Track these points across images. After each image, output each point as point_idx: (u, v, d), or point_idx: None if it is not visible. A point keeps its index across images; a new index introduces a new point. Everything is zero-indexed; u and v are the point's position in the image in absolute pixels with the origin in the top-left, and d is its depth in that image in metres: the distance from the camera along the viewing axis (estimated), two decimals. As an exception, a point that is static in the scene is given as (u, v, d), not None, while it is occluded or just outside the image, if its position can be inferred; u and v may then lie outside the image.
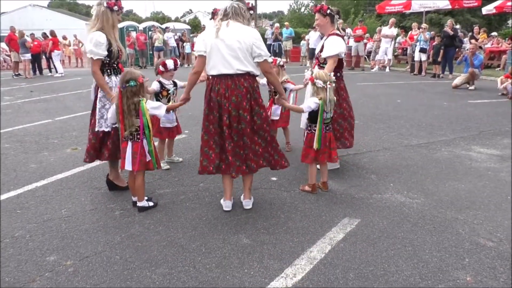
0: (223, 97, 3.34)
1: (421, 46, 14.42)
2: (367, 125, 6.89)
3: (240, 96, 3.35)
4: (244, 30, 3.34)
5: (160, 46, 19.16)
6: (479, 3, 16.45)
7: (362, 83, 12.53)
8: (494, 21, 27.78)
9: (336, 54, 4.29)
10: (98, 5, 3.72)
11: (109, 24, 3.74)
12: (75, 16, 48.34)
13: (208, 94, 3.42)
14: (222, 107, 3.36)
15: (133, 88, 3.39)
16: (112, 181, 4.08)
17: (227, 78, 3.34)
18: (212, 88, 3.39)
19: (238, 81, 3.35)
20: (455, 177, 4.49)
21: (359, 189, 4.13)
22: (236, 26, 3.33)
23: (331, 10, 4.40)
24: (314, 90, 3.88)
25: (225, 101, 3.34)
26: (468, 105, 8.86)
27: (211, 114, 3.40)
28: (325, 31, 4.48)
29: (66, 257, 2.90)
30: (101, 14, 3.70)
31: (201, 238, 3.16)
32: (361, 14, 31.43)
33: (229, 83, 3.34)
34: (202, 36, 3.45)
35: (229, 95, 3.34)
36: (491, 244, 3.06)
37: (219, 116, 3.39)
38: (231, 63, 3.31)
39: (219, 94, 3.35)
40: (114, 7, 3.72)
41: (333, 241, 3.10)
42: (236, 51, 3.29)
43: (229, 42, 3.28)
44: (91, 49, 3.64)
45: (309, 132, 3.97)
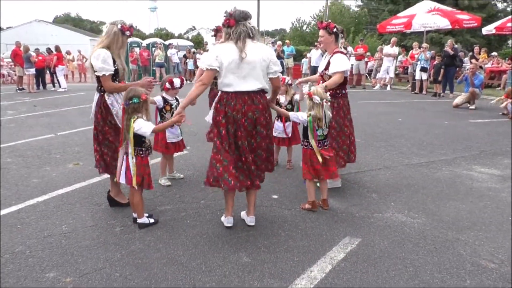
0: (239, 112, 3.36)
1: (422, 65, 14.53)
2: (368, 143, 6.91)
3: (258, 111, 3.40)
4: (263, 48, 3.45)
5: (161, 63, 19.44)
6: (478, 23, 16.61)
7: (364, 101, 12.58)
8: (494, 41, 28.03)
9: (343, 71, 4.37)
10: (112, 24, 3.78)
11: (118, 45, 3.80)
12: (80, 32, 48.92)
13: (223, 109, 3.39)
14: (237, 122, 3.38)
15: (135, 105, 3.44)
16: (113, 197, 4.08)
17: (244, 94, 3.37)
18: (227, 103, 3.37)
19: (254, 97, 3.40)
20: (456, 197, 4.49)
21: (360, 208, 4.13)
22: (254, 45, 3.38)
23: (337, 28, 4.46)
24: (310, 105, 3.93)
25: (240, 116, 3.36)
26: (469, 124, 8.89)
27: (225, 129, 3.39)
28: (329, 48, 4.54)
29: (66, 273, 2.89)
30: (112, 34, 3.75)
31: (202, 256, 3.15)
32: (362, 33, 31.74)
33: (246, 98, 3.37)
34: (215, 52, 3.37)
35: (246, 111, 3.37)
36: (492, 265, 3.04)
37: (234, 131, 3.40)
38: (250, 81, 3.36)
39: (235, 109, 3.35)
40: (126, 32, 3.80)
41: (334, 261, 3.09)
42: (256, 69, 3.36)
43: (250, 60, 3.32)
44: (102, 66, 3.66)
45: (305, 147, 4.04)
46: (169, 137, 4.70)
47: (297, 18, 41.86)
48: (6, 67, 20.63)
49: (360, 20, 39.43)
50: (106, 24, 3.85)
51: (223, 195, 4.19)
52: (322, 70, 4.58)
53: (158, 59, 19.31)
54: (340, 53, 4.43)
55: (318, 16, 38.42)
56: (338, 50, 4.46)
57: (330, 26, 4.41)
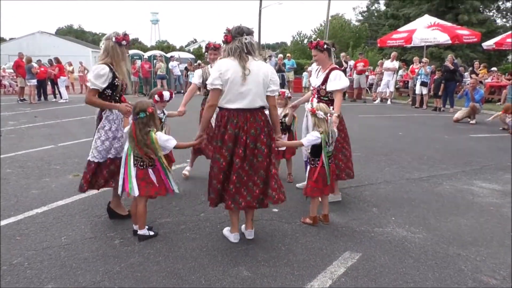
0: (241, 130, 3.35)
1: (422, 80, 14.61)
2: (368, 157, 6.91)
3: (259, 129, 3.39)
4: (264, 66, 3.45)
5: (163, 75, 19.59)
6: (478, 39, 16.74)
7: (364, 115, 12.62)
8: (494, 56, 28.23)
9: (342, 88, 4.40)
10: (107, 39, 3.79)
11: (119, 58, 3.81)
12: (82, 44, 49.28)
13: (223, 126, 3.38)
14: (239, 140, 3.36)
15: (143, 119, 3.44)
16: (113, 209, 4.07)
17: (246, 111, 3.36)
18: (228, 120, 3.36)
19: (256, 114, 3.40)
20: (457, 212, 4.47)
21: (361, 222, 4.11)
22: (255, 62, 3.37)
23: (327, 44, 4.49)
24: (315, 122, 3.88)
25: (242, 133, 3.35)
26: (469, 139, 8.90)
27: (224, 147, 3.38)
28: (324, 65, 4.56)
29: (64, 286, 2.87)
30: (110, 49, 3.77)
31: (201, 269, 3.13)
32: (361, 47, 31.98)
33: (248, 115, 3.36)
34: (218, 69, 3.34)
35: (248, 128, 3.36)
36: (494, 282, 3.02)
37: (232, 149, 3.38)
38: (252, 98, 3.34)
39: (237, 127, 3.35)
40: (123, 42, 3.80)
41: (334, 275, 3.07)
42: (259, 86, 3.35)
43: (253, 77, 3.31)
44: (92, 79, 3.73)
45: (312, 166, 3.96)
46: None
47: (298, 32, 42.22)
48: (8, 77, 20.73)
49: (361, 35, 39.79)
50: (102, 41, 3.86)
51: (223, 209, 4.18)
52: (318, 85, 4.58)
53: (160, 72, 19.48)
54: (337, 70, 4.47)
55: (319, 30, 38.79)
56: (334, 67, 4.50)
57: (320, 44, 4.47)
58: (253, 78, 3.31)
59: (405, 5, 29.45)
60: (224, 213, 4.24)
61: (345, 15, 68.69)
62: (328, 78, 4.45)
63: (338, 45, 31.36)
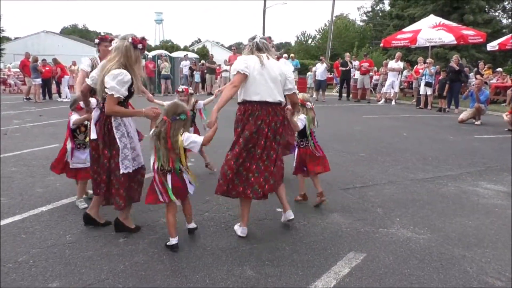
0: (263, 123, 3.56)
1: (426, 80, 14.57)
2: (372, 158, 6.90)
3: (279, 122, 3.64)
4: (280, 65, 3.74)
5: (167, 75, 19.59)
6: (484, 39, 16.67)
7: (368, 116, 12.60)
8: (499, 57, 28.08)
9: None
10: (122, 39, 3.46)
11: (132, 61, 3.47)
12: (86, 43, 49.43)
13: (246, 118, 3.58)
14: (260, 132, 3.55)
15: (182, 122, 3.33)
16: (122, 222, 3.74)
17: (268, 105, 3.57)
18: (251, 114, 3.56)
19: (276, 109, 3.62)
20: (462, 213, 4.45)
21: (365, 223, 4.10)
22: (273, 61, 3.67)
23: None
24: (303, 111, 4.31)
25: (264, 126, 3.56)
26: (474, 140, 8.86)
27: (246, 138, 3.56)
28: None
29: (69, 284, 2.88)
30: (124, 49, 3.42)
31: (205, 268, 3.13)
32: (366, 47, 31.91)
33: (270, 109, 3.58)
34: (243, 60, 3.60)
35: (270, 121, 3.57)
36: (499, 283, 3.00)
37: (256, 139, 3.57)
38: (274, 93, 3.59)
39: (259, 119, 3.55)
40: (139, 45, 3.48)
41: (338, 276, 3.06)
42: (277, 82, 3.61)
43: (272, 74, 3.59)
44: (114, 85, 3.35)
45: (301, 147, 4.46)
46: (73, 163, 4.30)
47: (302, 32, 42.10)
48: (13, 77, 20.83)
49: (365, 35, 39.73)
50: (115, 40, 3.55)
51: (227, 208, 4.19)
52: None
53: (164, 71, 19.45)
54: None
55: (323, 30, 38.75)
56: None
57: None
58: (273, 74, 3.59)
59: (410, 5, 29.35)
60: (228, 212, 4.25)
61: (349, 15, 68.56)
62: None
63: (343, 45, 31.41)
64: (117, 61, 3.42)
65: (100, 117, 3.55)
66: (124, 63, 3.42)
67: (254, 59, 3.57)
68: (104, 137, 3.53)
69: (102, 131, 3.54)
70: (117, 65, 3.40)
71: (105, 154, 3.56)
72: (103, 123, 3.53)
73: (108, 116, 3.48)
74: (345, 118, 12.08)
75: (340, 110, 14.57)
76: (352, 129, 9.97)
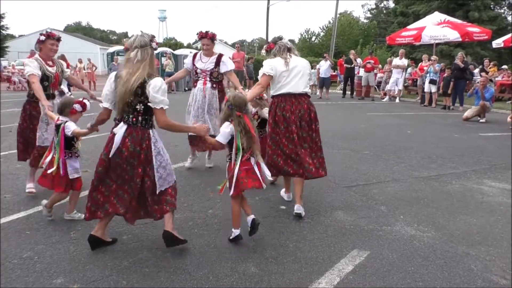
0: (288, 112, 4.13)
1: (431, 78, 14.51)
2: (376, 155, 6.88)
3: (303, 110, 4.16)
4: (304, 61, 4.34)
5: (171, 72, 19.57)
6: (489, 36, 16.57)
7: (372, 113, 12.56)
8: (505, 54, 27.89)
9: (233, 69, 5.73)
10: (144, 46, 3.15)
11: (154, 66, 3.26)
12: (90, 41, 49.54)
13: (274, 111, 4.22)
14: (288, 120, 4.13)
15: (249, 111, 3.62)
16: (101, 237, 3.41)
17: (291, 97, 4.17)
18: (277, 106, 4.19)
19: (300, 99, 4.19)
20: (466, 211, 4.44)
21: (369, 221, 4.09)
22: (296, 57, 4.29)
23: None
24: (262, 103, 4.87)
25: (289, 114, 4.12)
26: (479, 137, 8.82)
27: (277, 127, 4.19)
28: (211, 53, 5.62)
29: (73, 280, 2.89)
30: (149, 59, 3.17)
31: (209, 265, 3.14)
32: (370, 45, 31.80)
33: (293, 100, 4.17)
34: (270, 64, 4.19)
35: (294, 110, 4.14)
36: (504, 282, 2.99)
37: (286, 127, 4.14)
38: (298, 86, 4.18)
39: (284, 110, 4.15)
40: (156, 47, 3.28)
41: (342, 273, 3.06)
42: (303, 76, 4.22)
43: (298, 69, 4.18)
44: (163, 98, 3.13)
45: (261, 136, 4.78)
46: (71, 174, 3.91)
47: (306, 29, 42.00)
48: (17, 74, 20.90)
49: (369, 32, 39.57)
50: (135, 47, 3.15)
51: (230, 205, 4.20)
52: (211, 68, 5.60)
53: (168, 69, 19.48)
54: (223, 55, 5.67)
55: (327, 27, 38.64)
56: (221, 54, 5.71)
57: (214, 36, 5.59)
58: (297, 69, 4.18)
59: (415, 2, 29.20)
60: (232, 209, 4.25)
61: (353, 12, 68.31)
62: (220, 62, 5.52)
63: (347, 42, 31.24)
64: (142, 71, 3.11)
65: (132, 133, 3.18)
66: (149, 72, 3.15)
67: (279, 61, 4.16)
68: (140, 154, 3.20)
69: (137, 148, 3.18)
70: (145, 76, 3.11)
71: (138, 173, 3.22)
72: (139, 139, 3.18)
73: (147, 132, 3.22)
74: (349, 116, 12.06)
75: (344, 108, 14.54)
76: (356, 126, 9.95)
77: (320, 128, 4.36)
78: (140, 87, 3.08)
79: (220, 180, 3.70)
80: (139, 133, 3.18)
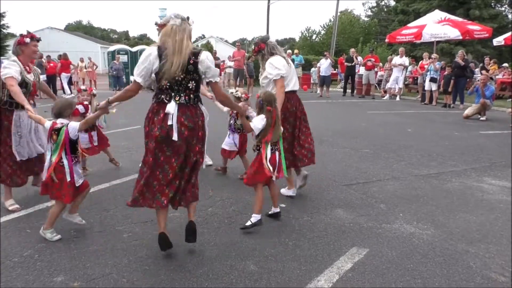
0: (295, 107, 4.45)
1: (431, 76, 14.49)
2: (376, 154, 6.88)
3: (302, 105, 4.57)
4: None
5: None
6: (489, 34, 16.54)
7: (373, 112, 12.56)
8: (505, 52, 27.83)
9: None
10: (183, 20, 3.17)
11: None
12: (91, 40, 49.55)
13: (285, 107, 4.34)
14: (294, 115, 4.44)
15: None
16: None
17: (295, 93, 4.51)
18: (288, 101, 4.37)
19: (297, 95, 4.54)
20: (466, 208, 4.44)
21: (368, 219, 4.10)
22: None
23: None
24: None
25: (295, 109, 4.45)
26: (479, 135, 8.82)
27: (286, 122, 4.36)
28: None
29: (74, 278, 2.91)
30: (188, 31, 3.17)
31: (209, 263, 3.15)
32: (371, 43, 31.76)
33: (297, 96, 4.53)
34: (281, 64, 4.30)
35: (299, 105, 4.50)
36: (503, 279, 3.00)
37: (292, 122, 4.44)
38: (297, 83, 4.56)
39: (293, 105, 4.43)
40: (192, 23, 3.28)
41: (341, 271, 3.07)
42: (295, 74, 4.59)
43: (292, 67, 4.53)
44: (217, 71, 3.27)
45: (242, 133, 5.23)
46: (78, 181, 3.55)
47: (306, 28, 41.92)
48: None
49: (370, 30, 39.52)
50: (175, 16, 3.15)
51: (230, 204, 4.22)
52: None
53: (168, 67, 19.53)
54: None
55: (327, 25, 38.60)
56: None
57: None
58: (291, 66, 4.49)
59: (415, 0, 29.12)
60: (231, 208, 4.27)
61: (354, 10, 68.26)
62: None
63: (347, 41, 31.15)
64: (187, 40, 3.11)
65: (186, 112, 3.11)
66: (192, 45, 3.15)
67: (283, 60, 4.33)
68: (199, 132, 3.19)
69: (195, 126, 3.15)
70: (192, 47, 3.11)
71: (196, 151, 3.22)
72: (194, 116, 3.16)
73: (199, 108, 3.23)
74: (349, 114, 12.05)
75: (345, 106, 14.53)
76: (357, 125, 9.94)
77: (320, 127, 4.40)
78: (192, 64, 3.05)
79: (220, 179, 3.72)
80: (193, 111, 3.15)
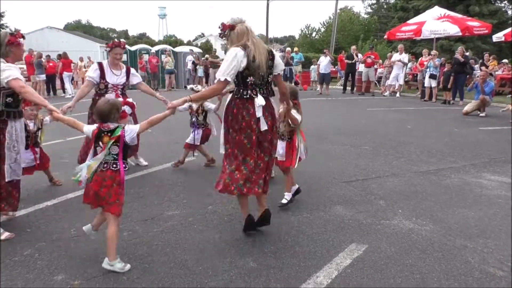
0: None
1: (431, 72, 14.49)
2: (376, 150, 6.89)
3: None
4: None
5: (171, 69, 19.65)
6: (489, 30, 16.52)
7: (372, 109, 12.56)
8: (506, 48, 27.78)
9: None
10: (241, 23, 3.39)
11: None
12: (90, 39, 49.54)
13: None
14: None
15: None
16: None
17: None
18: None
19: None
20: (465, 204, 4.45)
21: (367, 215, 4.11)
22: None
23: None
24: None
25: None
26: (478, 132, 8.83)
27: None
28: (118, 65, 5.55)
29: (74, 276, 2.92)
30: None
31: (208, 260, 3.16)
32: (371, 40, 31.72)
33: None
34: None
35: None
36: (501, 273, 3.01)
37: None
38: None
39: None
40: None
41: (340, 267, 3.08)
42: None
43: None
44: None
45: None
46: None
47: (306, 25, 41.90)
48: (18, 73, 20.91)
49: (370, 27, 39.47)
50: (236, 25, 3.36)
51: (230, 201, 4.24)
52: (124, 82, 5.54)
53: (168, 66, 19.53)
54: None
55: (327, 23, 38.57)
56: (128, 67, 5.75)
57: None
58: None
59: (415, -3, 29.11)
60: (231, 206, 4.28)
61: (354, 8, 68.20)
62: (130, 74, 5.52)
63: (347, 38, 31.11)
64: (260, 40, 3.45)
65: (266, 104, 3.41)
66: None
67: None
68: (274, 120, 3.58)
69: (273, 115, 3.55)
70: None
71: (269, 140, 3.51)
72: (270, 108, 3.49)
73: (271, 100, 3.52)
74: (349, 111, 12.06)
75: (344, 103, 14.54)
76: (356, 122, 9.95)
77: (320, 124, 4.41)
78: (271, 59, 3.38)
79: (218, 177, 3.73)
80: (269, 102, 3.47)
